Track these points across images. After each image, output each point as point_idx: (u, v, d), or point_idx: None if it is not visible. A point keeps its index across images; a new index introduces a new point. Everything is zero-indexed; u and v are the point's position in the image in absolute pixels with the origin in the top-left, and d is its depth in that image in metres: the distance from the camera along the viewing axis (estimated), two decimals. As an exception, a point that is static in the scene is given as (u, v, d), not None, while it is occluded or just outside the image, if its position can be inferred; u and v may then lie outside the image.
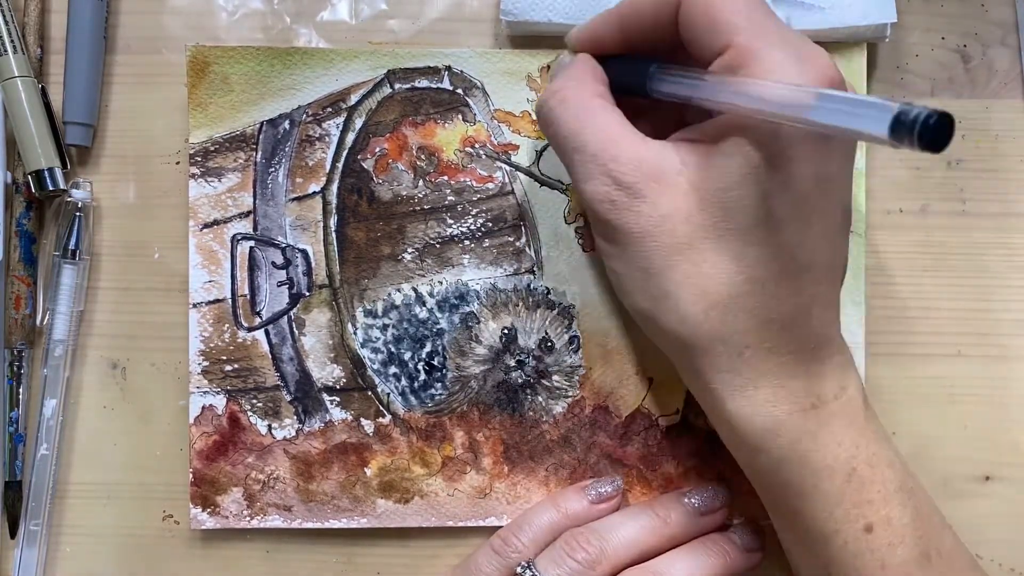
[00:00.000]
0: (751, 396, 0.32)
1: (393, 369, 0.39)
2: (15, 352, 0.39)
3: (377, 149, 0.39)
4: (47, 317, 0.39)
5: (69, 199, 0.39)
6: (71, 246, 0.39)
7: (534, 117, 0.38)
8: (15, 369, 0.39)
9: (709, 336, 0.31)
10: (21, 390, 0.39)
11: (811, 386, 0.32)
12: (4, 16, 0.38)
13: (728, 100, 0.29)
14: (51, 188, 0.38)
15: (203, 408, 0.39)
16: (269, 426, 0.39)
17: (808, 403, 0.32)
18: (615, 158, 0.31)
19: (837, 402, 0.32)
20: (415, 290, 0.39)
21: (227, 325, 0.39)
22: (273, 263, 0.39)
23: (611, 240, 0.32)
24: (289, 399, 0.39)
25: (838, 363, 0.33)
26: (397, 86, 0.39)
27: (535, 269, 0.39)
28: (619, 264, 0.33)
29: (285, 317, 0.39)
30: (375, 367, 0.39)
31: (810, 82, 0.28)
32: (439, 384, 0.39)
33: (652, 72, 0.32)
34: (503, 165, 0.39)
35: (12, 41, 0.38)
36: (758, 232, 0.30)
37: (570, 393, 0.39)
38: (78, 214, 0.39)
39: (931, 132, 0.23)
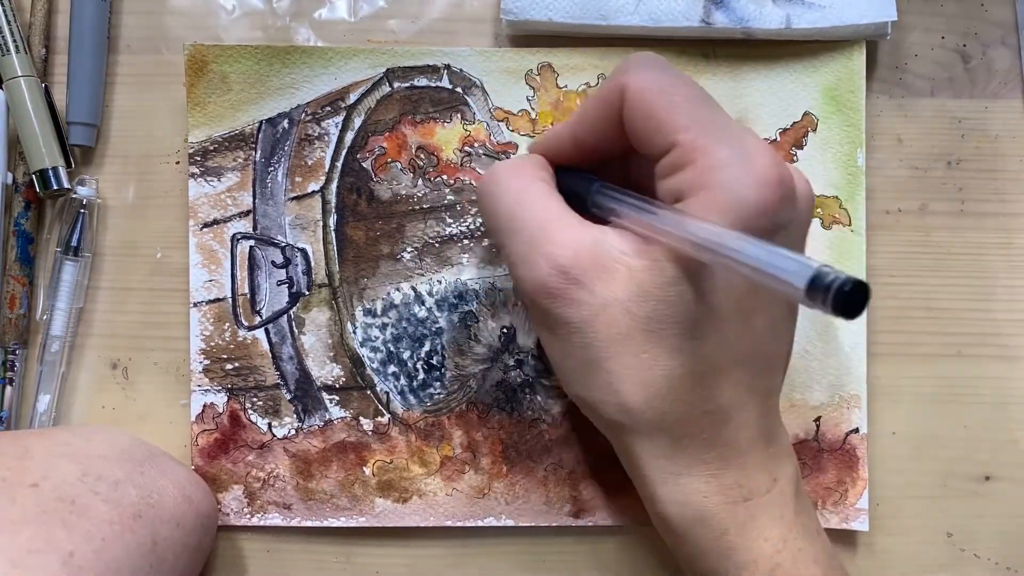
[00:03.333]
0: (683, 485, 0.31)
1: (392, 368, 0.39)
2: (8, 351, 0.39)
3: (376, 148, 0.39)
4: (46, 313, 0.39)
5: (74, 195, 0.39)
6: (74, 243, 0.39)
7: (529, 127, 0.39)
8: (6, 368, 0.39)
9: (650, 425, 0.30)
10: (15, 388, 0.39)
11: (743, 478, 0.31)
12: (6, 16, 0.38)
13: (657, 229, 0.29)
14: (55, 187, 0.38)
15: (204, 406, 0.39)
16: (269, 424, 0.39)
17: (739, 495, 0.31)
18: (553, 241, 0.30)
19: (768, 495, 0.31)
20: (414, 289, 0.39)
21: (227, 324, 0.39)
22: (273, 262, 0.39)
23: (550, 329, 0.31)
24: (289, 398, 0.39)
25: (772, 454, 0.32)
26: (396, 85, 0.39)
27: (534, 268, 0.39)
28: (558, 354, 0.32)
29: (285, 316, 0.39)
30: (374, 366, 0.39)
31: (755, 181, 0.28)
32: (438, 383, 0.39)
33: (595, 189, 0.32)
34: (502, 164, 0.39)
35: (15, 41, 0.38)
36: (698, 326, 0.30)
37: (568, 392, 0.39)
38: (82, 211, 0.39)
39: (845, 298, 0.23)
